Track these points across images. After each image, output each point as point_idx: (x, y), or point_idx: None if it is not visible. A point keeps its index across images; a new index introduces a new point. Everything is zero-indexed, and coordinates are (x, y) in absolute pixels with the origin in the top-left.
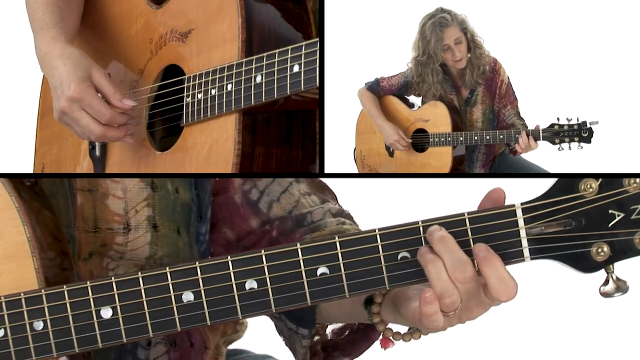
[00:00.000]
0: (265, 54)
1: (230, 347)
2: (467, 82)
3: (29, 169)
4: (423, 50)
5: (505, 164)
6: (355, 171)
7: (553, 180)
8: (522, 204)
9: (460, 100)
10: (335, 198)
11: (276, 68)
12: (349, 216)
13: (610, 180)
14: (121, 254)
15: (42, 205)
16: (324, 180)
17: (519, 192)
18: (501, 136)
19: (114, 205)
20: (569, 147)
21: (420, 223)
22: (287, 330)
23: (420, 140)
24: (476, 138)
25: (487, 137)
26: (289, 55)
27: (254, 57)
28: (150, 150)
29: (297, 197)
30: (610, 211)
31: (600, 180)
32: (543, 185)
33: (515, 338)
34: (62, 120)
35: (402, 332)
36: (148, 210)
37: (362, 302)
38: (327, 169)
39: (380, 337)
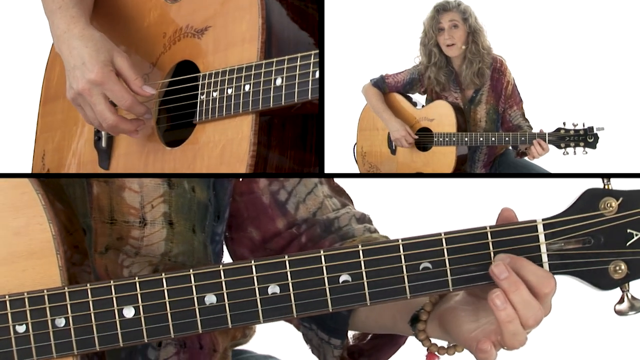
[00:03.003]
0: (286, 57)
1: (236, 348)
2: (464, 80)
3: (29, 156)
4: (423, 30)
5: (506, 164)
6: (355, 168)
7: (574, 197)
8: (543, 219)
9: (464, 99)
10: (352, 202)
11: (298, 72)
12: (370, 220)
13: (630, 200)
14: (137, 249)
15: (54, 198)
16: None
17: (519, 191)
18: (507, 138)
19: (130, 198)
20: (574, 151)
21: (443, 235)
22: (317, 339)
23: (423, 139)
24: (481, 139)
25: (493, 139)
26: (312, 60)
27: (274, 59)
28: (159, 144)
29: (321, 198)
30: (628, 230)
31: (620, 199)
32: (543, 185)
33: (529, 352)
34: (76, 101)
35: (446, 347)
36: (164, 207)
37: (406, 318)
38: (327, 169)
39: (426, 352)
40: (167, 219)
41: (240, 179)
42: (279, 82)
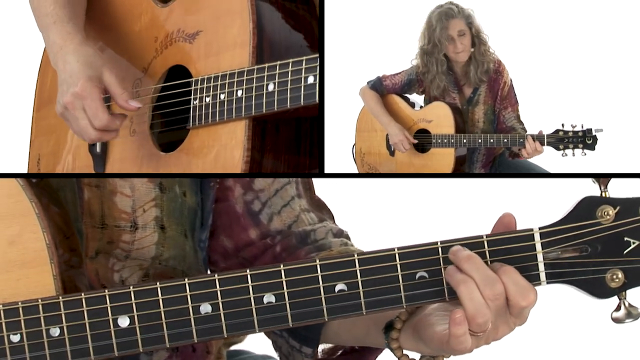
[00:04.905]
0: (278, 63)
1: (231, 348)
2: (472, 79)
3: (24, 160)
4: (429, 38)
5: (505, 164)
6: (355, 169)
7: (571, 205)
8: (540, 228)
9: (463, 99)
10: (332, 218)
11: (290, 78)
12: (347, 237)
13: (627, 208)
14: (127, 252)
15: (49, 201)
16: (323, 180)
17: (519, 191)
18: (505, 140)
19: (122, 202)
20: (573, 153)
21: (439, 243)
22: (287, 347)
23: (422, 141)
24: (480, 141)
25: (491, 141)
26: (304, 66)
27: (266, 64)
28: (153, 150)
29: (297, 212)
30: (625, 238)
31: (617, 207)
32: (542, 185)
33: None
34: (63, 115)
35: (416, 359)
36: (156, 211)
37: (380, 327)
38: (327, 169)
39: None
40: (158, 223)
41: (217, 185)
42: (271, 87)
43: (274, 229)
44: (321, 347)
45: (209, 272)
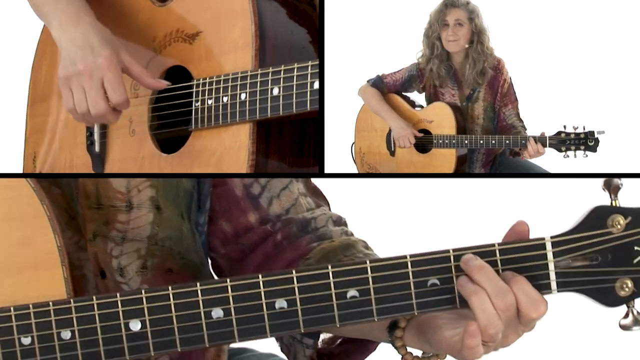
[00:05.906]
0: (282, 67)
1: (234, 345)
2: (467, 78)
3: (19, 158)
4: (429, 22)
5: (506, 164)
6: (354, 168)
7: (583, 215)
8: (551, 237)
9: (462, 96)
10: (328, 204)
11: (295, 82)
12: (345, 223)
13: (638, 218)
14: (123, 233)
15: (50, 183)
16: (323, 180)
17: (519, 191)
18: (507, 141)
19: (116, 182)
20: (575, 155)
21: (451, 251)
22: (288, 337)
23: (423, 141)
24: (482, 142)
25: (493, 142)
26: (309, 71)
27: (270, 69)
28: (154, 151)
29: (296, 195)
30: (636, 248)
31: (629, 218)
32: (543, 185)
33: None
34: (69, 81)
35: (420, 357)
36: (151, 191)
37: (384, 325)
38: (327, 169)
39: None
40: (154, 203)
41: None
42: (275, 91)
43: (273, 213)
44: (321, 337)
45: (208, 258)
